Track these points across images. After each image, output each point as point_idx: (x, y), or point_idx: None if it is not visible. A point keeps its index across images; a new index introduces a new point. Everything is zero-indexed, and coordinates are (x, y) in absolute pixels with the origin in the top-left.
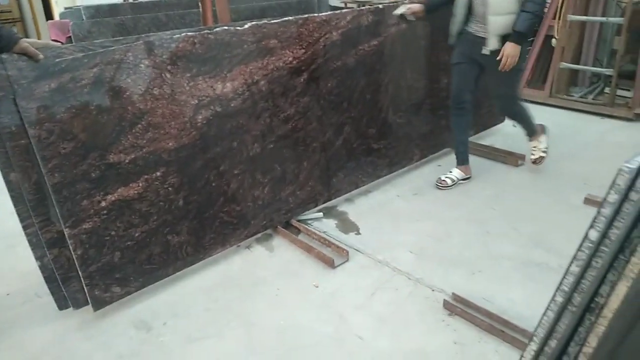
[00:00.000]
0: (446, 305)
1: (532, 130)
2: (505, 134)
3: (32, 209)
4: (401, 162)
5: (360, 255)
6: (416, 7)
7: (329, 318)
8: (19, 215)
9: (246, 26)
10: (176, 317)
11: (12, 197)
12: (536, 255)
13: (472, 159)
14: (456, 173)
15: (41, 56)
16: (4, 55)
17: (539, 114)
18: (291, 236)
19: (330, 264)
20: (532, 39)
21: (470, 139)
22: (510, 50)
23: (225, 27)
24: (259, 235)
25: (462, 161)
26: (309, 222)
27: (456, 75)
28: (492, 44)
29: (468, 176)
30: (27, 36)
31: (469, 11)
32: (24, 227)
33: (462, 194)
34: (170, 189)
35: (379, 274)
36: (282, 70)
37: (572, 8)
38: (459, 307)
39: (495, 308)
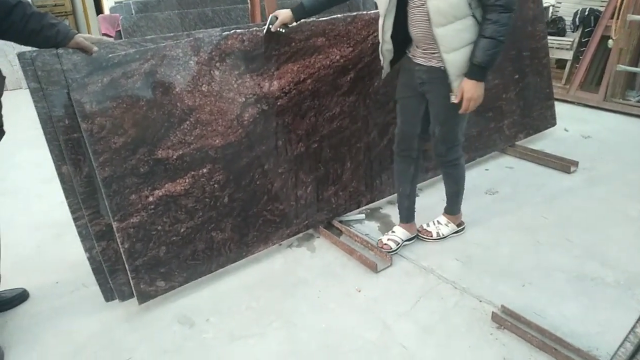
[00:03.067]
0: (495, 318)
1: (455, 203)
2: (557, 138)
3: (82, 202)
4: None
5: (403, 261)
6: (284, 15)
7: (372, 324)
8: (70, 207)
9: (295, 23)
10: (219, 314)
11: (64, 189)
12: (590, 268)
13: (523, 163)
14: (399, 233)
15: (95, 49)
16: (60, 50)
17: (591, 118)
18: (333, 237)
19: (373, 268)
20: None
21: (519, 142)
22: (470, 89)
23: None
24: (301, 234)
25: (406, 218)
26: (351, 223)
27: (400, 113)
28: (456, 88)
29: (413, 235)
30: (77, 29)
31: (402, 33)
32: (75, 219)
33: (511, 201)
34: (216, 185)
35: (423, 281)
36: (329, 68)
37: (633, 7)
38: (509, 321)
39: (547, 323)
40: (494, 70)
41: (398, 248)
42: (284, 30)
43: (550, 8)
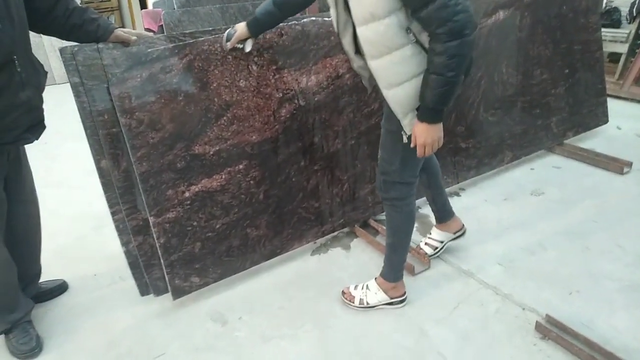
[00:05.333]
0: (538, 327)
1: (390, 264)
2: (609, 137)
3: (120, 196)
4: (491, 164)
5: (442, 264)
6: (240, 31)
7: (408, 329)
8: (108, 201)
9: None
10: (252, 312)
11: (102, 183)
12: None
13: (571, 163)
14: (436, 235)
15: (134, 38)
16: (100, 45)
17: None
18: (369, 237)
19: (410, 270)
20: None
21: (568, 141)
22: (423, 134)
23: (313, 18)
24: (336, 233)
25: (439, 219)
26: None
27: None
28: (407, 125)
29: (456, 232)
30: (123, 25)
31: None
32: (112, 213)
33: (558, 203)
34: (251, 182)
35: (462, 286)
36: None
37: None
38: (554, 332)
39: (595, 336)
40: (542, 65)
41: (437, 252)
42: (241, 46)
43: None
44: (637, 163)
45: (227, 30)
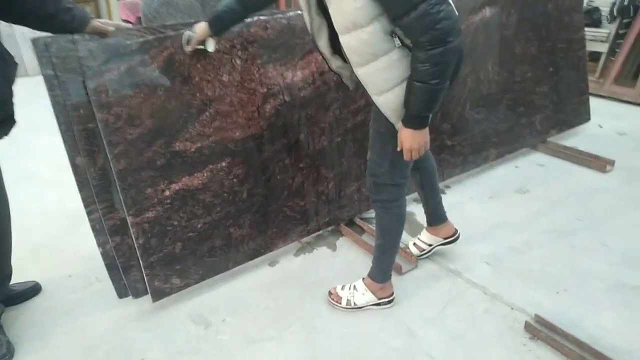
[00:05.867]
0: (528, 327)
1: (378, 265)
2: (590, 135)
3: (96, 195)
4: (476, 161)
5: (429, 263)
6: (200, 31)
7: (396, 330)
8: (83, 200)
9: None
10: (235, 314)
11: (77, 181)
12: (630, 276)
13: (555, 161)
14: (425, 238)
15: (111, 29)
16: (76, 36)
17: (627, 114)
18: (355, 236)
19: (397, 270)
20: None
21: (551, 139)
22: (408, 139)
23: (299, 11)
24: (321, 232)
25: (429, 222)
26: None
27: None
28: (399, 127)
29: (446, 238)
30: (99, 16)
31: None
32: (88, 213)
33: (543, 201)
34: (235, 180)
35: (450, 286)
36: None
37: None
38: (543, 332)
39: (584, 335)
40: (527, 63)
41: (424, 254)
42: (203, 47)
43: None
44: (619, 161)
45: (184, 32)
